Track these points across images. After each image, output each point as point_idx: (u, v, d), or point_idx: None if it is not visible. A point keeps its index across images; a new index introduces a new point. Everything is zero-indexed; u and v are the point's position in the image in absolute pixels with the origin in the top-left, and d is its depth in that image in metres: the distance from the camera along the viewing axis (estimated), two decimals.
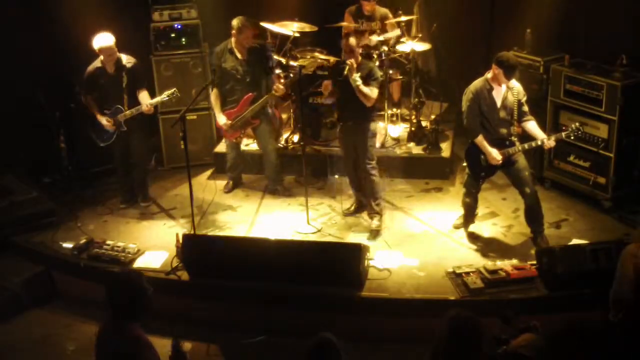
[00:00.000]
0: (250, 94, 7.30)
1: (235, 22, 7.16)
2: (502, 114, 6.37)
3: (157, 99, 7.18)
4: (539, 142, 6.31)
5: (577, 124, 6.40)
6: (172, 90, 7.08)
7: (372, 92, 6.61)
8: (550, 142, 6.29)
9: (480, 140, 6.37)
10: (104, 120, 7.23)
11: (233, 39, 7.26)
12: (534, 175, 6.95)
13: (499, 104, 6.36)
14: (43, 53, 7.57)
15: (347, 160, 7.15)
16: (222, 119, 7.36)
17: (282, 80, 7.54)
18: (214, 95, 7.40)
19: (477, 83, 6.43)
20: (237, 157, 7.80)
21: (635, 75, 6.83)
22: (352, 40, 6.65)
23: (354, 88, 6.58)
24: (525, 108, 6.44)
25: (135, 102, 7.21)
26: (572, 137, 6.42)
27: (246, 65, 7.30)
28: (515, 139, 6.41)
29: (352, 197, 7.37)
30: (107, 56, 7.06)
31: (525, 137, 6.48)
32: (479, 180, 6.64)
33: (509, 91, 6.36)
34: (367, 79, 6.61)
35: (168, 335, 4.55)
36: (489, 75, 6.37)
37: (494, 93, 6.36)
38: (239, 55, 7.28)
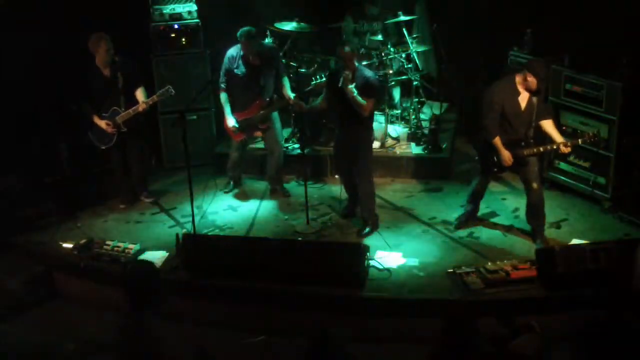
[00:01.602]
0: (262, 100, 7.31)
1: (239, 33, 7.12)
2: (524, 116, 6.34)
3: (152, 98, 7.15)
4: (555, 147, 6.28)
5: (595, 130, 6.41)
6: (166, 87, 7.06)
7: (367, 103, 6.50)
8: (566, 149, 6.25)
9: (497, 141, 6.34)
10: (103, 124, 7.22)
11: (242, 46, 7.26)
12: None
13: (523, 107, 6.33)
14: (42, 54, 7.56)
15: (340, 164, 7.12)
16: (231, 122, 7.38)
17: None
18: (223, 97, 7.42)
19: (503, 86, 6.36)
20: (239, 157, 7.81)
21: (636, 76, 6.82)
22: (349, 50, 6.53)
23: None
24: (545, 105, 6.43)
25: (132, 102, 7.20)
26: (588, 143, 6.41)
27: (258, 70, 7.30)
28: (532, 140, 6.38)
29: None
30: (103, 55, 7.04)
31: (541, 136, 6.44)
32: (489, 174, 6.69)
33: (533, 96, 6.32)
34: (363, 90, 6.49)
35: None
36: (517, 79, 6.30)
37: (520, 97, 6.33)
38: (251, 62, 7.27)
